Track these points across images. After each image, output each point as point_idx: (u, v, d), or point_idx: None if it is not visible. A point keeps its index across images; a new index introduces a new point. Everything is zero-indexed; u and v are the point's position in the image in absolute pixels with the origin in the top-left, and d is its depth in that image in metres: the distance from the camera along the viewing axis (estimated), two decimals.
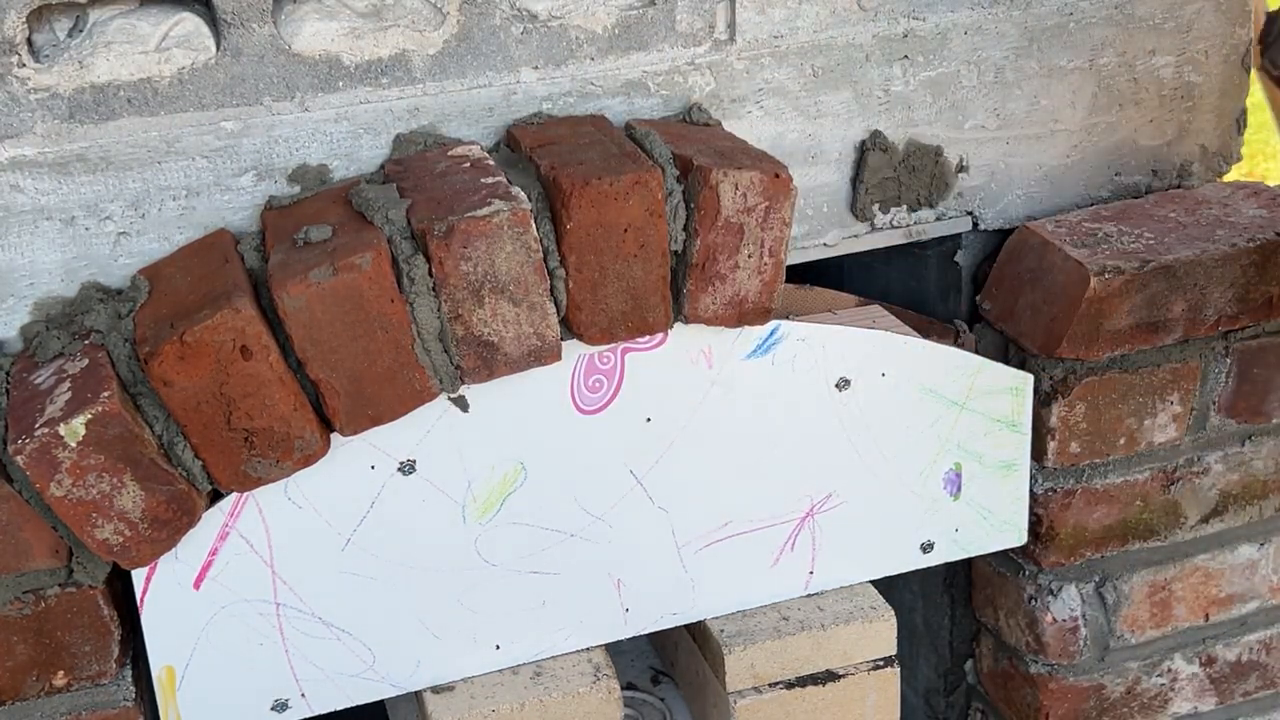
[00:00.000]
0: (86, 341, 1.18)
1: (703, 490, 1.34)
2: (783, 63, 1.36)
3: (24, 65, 1.15)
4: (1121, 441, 1.47)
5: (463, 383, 1.19)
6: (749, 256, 1.23)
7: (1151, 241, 1.43)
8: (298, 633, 1.25)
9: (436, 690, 1.32)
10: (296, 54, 1.22)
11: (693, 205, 1.20)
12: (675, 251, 1.22)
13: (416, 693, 1.33)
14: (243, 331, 1.10)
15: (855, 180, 1.42)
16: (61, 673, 1.18)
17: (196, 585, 1.21)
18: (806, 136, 1.40)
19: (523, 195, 1.16)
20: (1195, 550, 1.55)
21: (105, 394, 1.09)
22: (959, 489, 1.44)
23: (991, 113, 1.45)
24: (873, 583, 1.46)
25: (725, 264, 1.22)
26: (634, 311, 1.22)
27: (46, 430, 1.08)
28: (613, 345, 1.26)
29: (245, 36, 1.19)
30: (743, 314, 1.26)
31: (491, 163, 1.23)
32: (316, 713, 1.29)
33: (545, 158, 1.21)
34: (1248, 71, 1.55)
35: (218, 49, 1.19)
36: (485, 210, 1.14)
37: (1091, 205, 1.53)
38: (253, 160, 1.24)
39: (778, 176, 1.21)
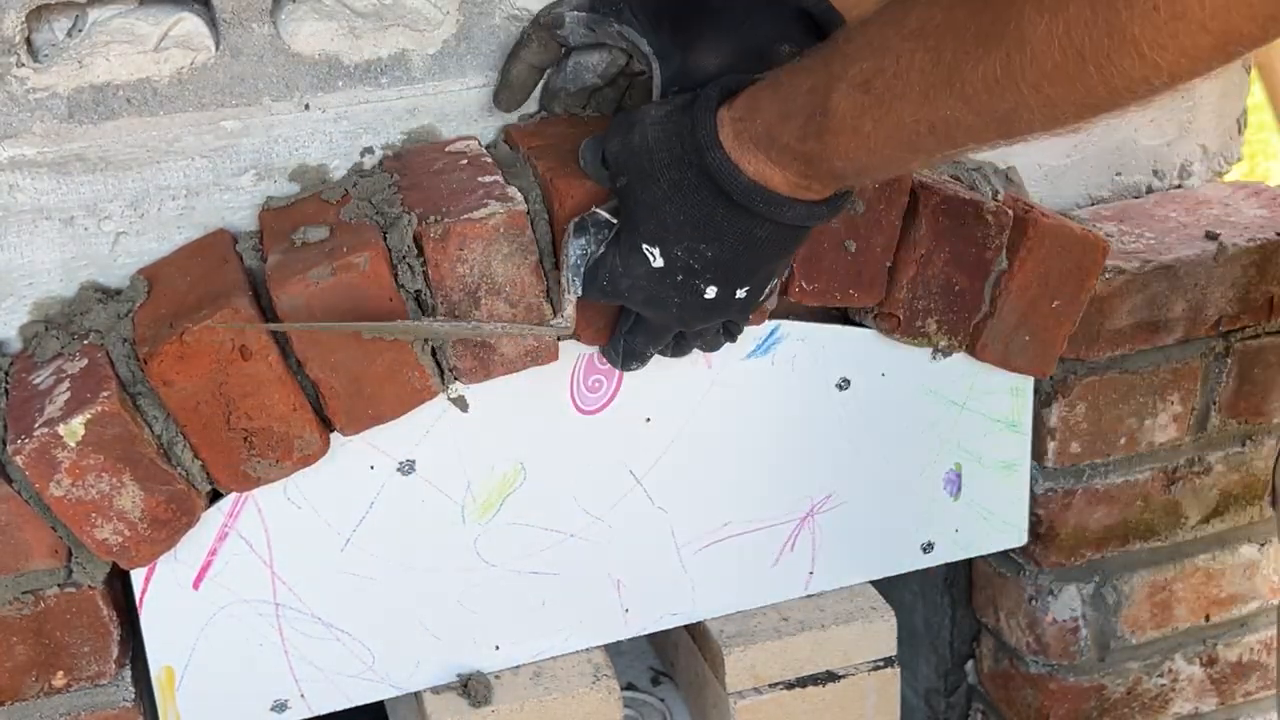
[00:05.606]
0: (85, 341, 1.18)
1: (703, 490, 1.34)
2: None
3: (23, 65, 1.15)
4: (1122, 441, 1.46)
5: (458, 381, 1.19)
6: None
7: (1152, 241, 1.42)
8: (297, 633, 1.25)
9: (436, 690, 1.32)
10: (296, 53, 1.22)
11: None
12: None
13: (416, 693, 1.33)
14: (242, 331, 1.10)
15: None
16: (61, 673, 1.18)
17: (196, 585, 1.21)
18: None
19: (519, 196, 1.16)
20: (1196, 550, 1.55)
21: (104, 394, 1.09)
22: (959, 489, 1.43)
23: None
24: (873, 583, 1.46)
25: None
26: None
27: (46, 430, 1.08)
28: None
29: (244, 36, 1.19)
30: None
31: (489, 160, 1.23)
32: (316, 713, 1.29)
33: (542, 158, 1.20)
34: (1248, 71, 1.55)
35: (217, 48, 1.19)
36: (481, 212, 1.13)
37: (1092, 205, 1.53)
38: (252, 160, 1.24)
39: None
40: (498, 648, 1.33)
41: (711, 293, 1.10)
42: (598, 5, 1.20)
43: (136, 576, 1.19)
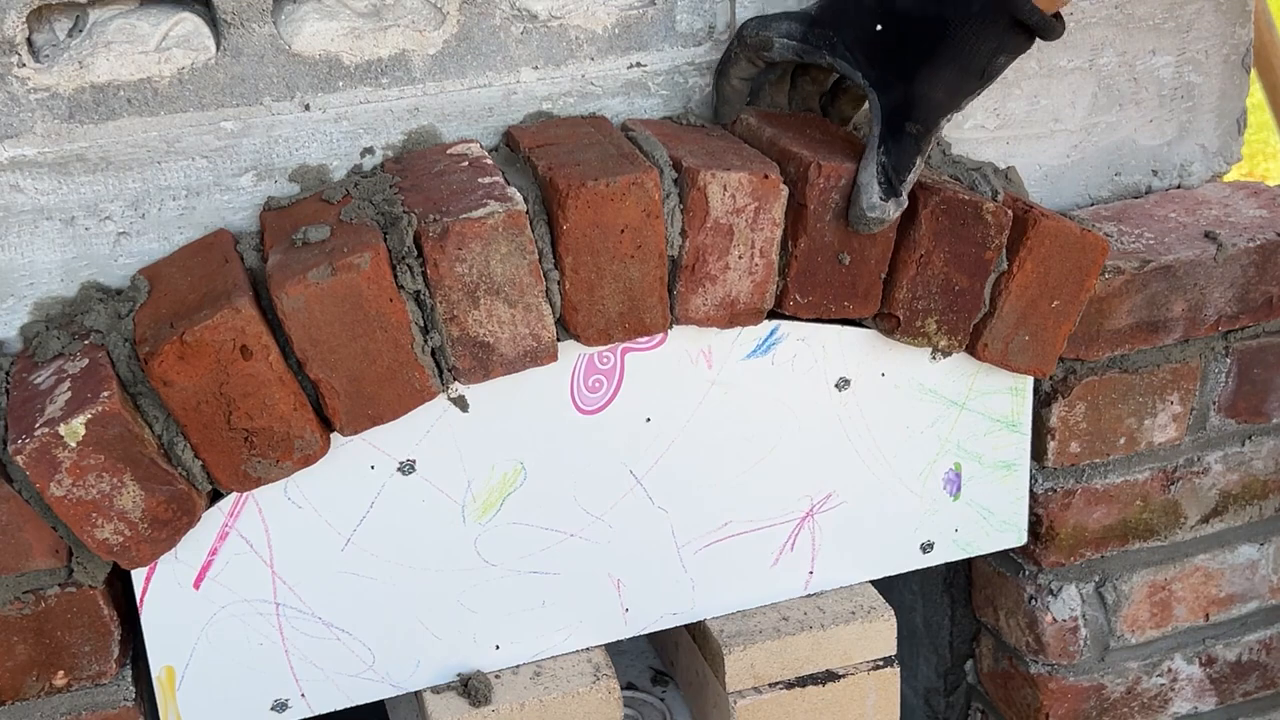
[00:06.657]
0: (86, 341, 1.18)
1: (703, 490, 1.34)
2: None
3: (24, 65, 1.15)
4: (1121, 441, 1.47)
5: (456, 381, 1.19)
6: (739, 258, 1.23)
7: (1151, 241, 1.43)
8: (297, 633, 1.25)
9: (436, 690, 1.32)
10: (296, 54, 1.22)
11: (683, 207, 1.21)
12: (671, 256, 1.22)
13: (416, 693, 1.33)
14: (243, 331, 1.10)
15: None
16: (61, 673, 1.18)
17: (196, 585, 1.21)
18: None
19: (518, 196, 1.16)
20: (1195, 550, 1.55)
21: (105, 394, 1.10)
22: (959, 489, 1.44)
23: (991, 112, 1.45)
24: (873, 583, 1.46)
25: (715, 265, 1.22)
26: (631, 312, 1.22)
27: (46, 430, 1.09)
28: (612, 345, 1.26)
29: (245, 36, 1.20)
30: (734, 315, 1.26)
31: (490, 161, 1.23)
32: (316, 713, 1.29)
33: (543, 158, 1.21)
34: (1248, 71, 1.55)
35: (218, 49, 1.19)
36: (480, 212, 1.14)
37: (1091, 205, 1.53)
38: (253, 160, 1.24)
39: (767, 177, 1.21)
40: (498, 647, 1.33)
41: None
42: (809, 37, 1.23)
43: (137, 576, 1.19)
